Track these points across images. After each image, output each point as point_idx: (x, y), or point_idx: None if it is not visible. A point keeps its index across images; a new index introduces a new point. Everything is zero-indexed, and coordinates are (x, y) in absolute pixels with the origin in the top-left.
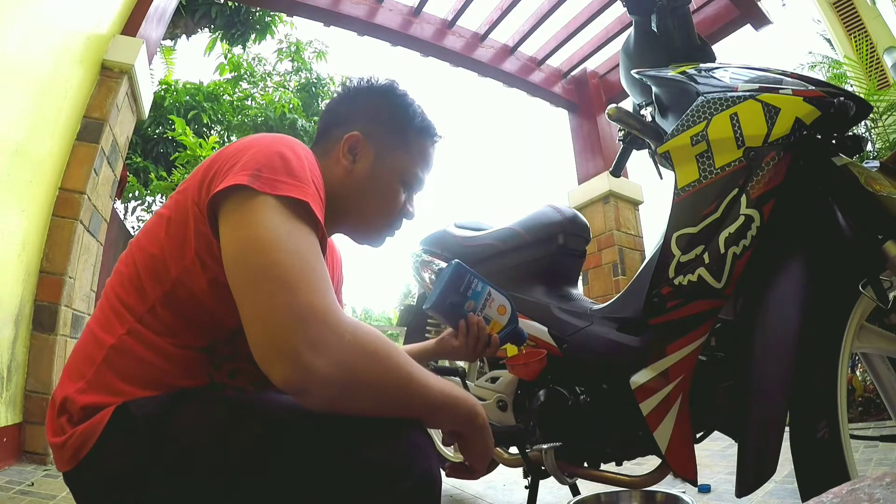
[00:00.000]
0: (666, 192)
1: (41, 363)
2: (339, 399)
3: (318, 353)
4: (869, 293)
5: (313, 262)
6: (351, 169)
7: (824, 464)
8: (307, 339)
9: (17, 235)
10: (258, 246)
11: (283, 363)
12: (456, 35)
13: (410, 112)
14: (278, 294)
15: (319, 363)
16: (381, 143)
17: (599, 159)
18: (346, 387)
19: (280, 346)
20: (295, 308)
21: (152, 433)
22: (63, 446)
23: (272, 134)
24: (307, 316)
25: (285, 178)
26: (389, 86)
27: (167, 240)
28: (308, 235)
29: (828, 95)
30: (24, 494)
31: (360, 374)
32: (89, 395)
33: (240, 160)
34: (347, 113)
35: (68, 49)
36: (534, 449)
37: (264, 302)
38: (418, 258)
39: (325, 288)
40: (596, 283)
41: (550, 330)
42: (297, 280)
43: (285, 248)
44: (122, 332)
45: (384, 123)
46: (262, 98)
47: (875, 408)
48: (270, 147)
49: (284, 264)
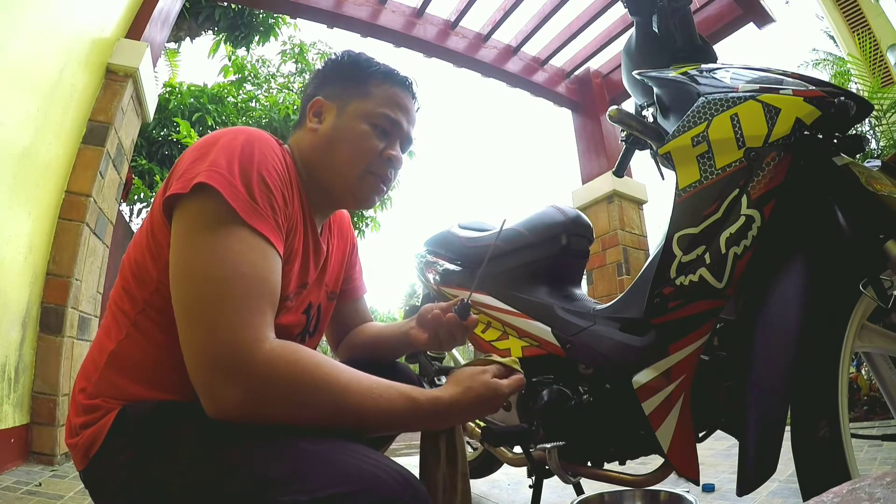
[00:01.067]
0: (669, 191)
1: (48, 365)
2: (265, 420)
3: (230, 388)
4: (870, 293)
5: (234, 285)
6: (318, 129)
7: (825, 463)
8: (221, 378)
9: (23, 238)
10: (185, 278)
11: (203, 398)
12: (459, 36)
13: (365, 63)
14: (197, 332)
15: (232, 397)
16: (341, 98)
17: (603, 159)
18: (263, 416)
19: (200, 382)
20: (211, 349)
21: (145, 435)
22: (76, 447)
23: (226, 130)
24: (221, 355)
25: (216, 177)
26: (345, 50)
27: (146, 243)
28: (233, 240)
29: (828, 95)
30: (32, 495)
31: (274, 403)
32: (96, 399)
33: (183, 164)
34: (312, 88)
35: (73, 53)
36: (538, 448)
37: (187, 339)
38: (422, 259)
39: (242, 319)
40: (600, 283)
41: (554, 330)
42: (214, 318)
43: (207, 277)
44: (120, 336)
45: (342, 80)
46: (266, 100)
47: (880, 407)
48: (208, 146)
49: (206, 298)
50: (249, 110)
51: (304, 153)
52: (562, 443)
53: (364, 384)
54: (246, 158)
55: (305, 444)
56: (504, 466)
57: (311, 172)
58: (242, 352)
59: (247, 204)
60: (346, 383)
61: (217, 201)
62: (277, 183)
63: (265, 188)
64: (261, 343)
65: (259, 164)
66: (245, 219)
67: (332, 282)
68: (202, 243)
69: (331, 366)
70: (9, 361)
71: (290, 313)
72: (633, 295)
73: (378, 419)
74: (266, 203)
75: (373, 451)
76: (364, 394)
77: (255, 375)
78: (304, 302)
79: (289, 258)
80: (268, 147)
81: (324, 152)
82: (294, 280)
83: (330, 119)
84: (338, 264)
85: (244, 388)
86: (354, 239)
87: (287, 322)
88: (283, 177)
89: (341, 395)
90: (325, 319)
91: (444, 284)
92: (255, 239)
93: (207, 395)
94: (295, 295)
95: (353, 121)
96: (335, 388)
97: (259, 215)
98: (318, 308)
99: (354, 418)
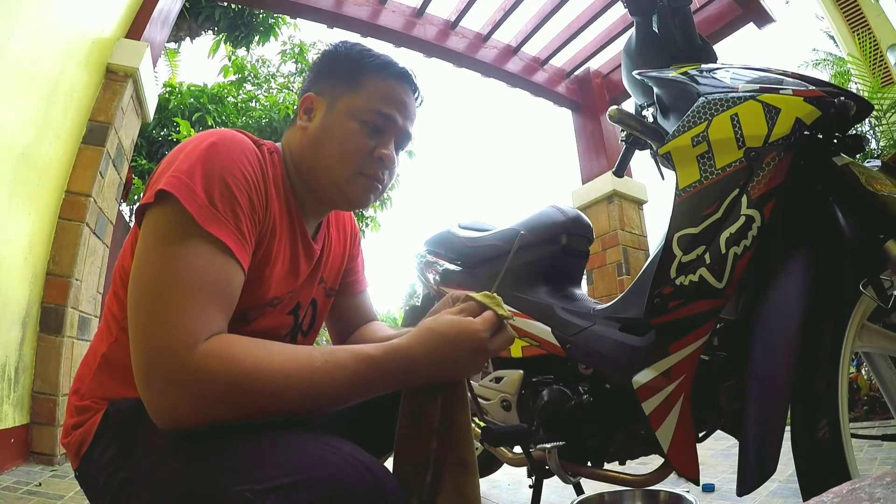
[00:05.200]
0: (669, 191)
1: (48, 365)
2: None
3: (169, 399)
4: (870, 293)
5: (173, 291)
6: (307, 127)
7: (825, 463)
8: (159, 389)
9: (24, 238)
10: (132, 290)
11: (150, 412)
12: (459, 36)
13: (358, 55)
14: (135, 343)
15: (173, 407)
16: (332, 93)
17: (603, 159)
18: (211, 418)
19: (143, 396)
20: (146, 360)
21: (124, 431)
22: (69, 447)
23: (198, 135)
24: (155, 366)
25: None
26: (341, 42)
27: (131, 249)
28: (183, 247)
29: (828, 95)
30: (32, 494)
31: (217, 405)
32: (86, 400)
33: (156, 173)
34: (306, 84)
35: (74, 53)
36: (538, 448)
37: (131, 352)
38: (422, 259)
39: (174, 326)
40: (600, 283)
41: (554, 330)
42: (149, 327)
43: (148, 287)
44: (111, 340)
45: (333, 75)
46: (266, 100)
47: (880, 407)
48: (178, 153)
49: (144, 308)
50: (249, 110)
51: (294, 152)
52: (562, 443)
53: (305, 359)
54: (209, 163)
55: (265, 433)
56: (504, 466)
57: (301, 173)
58: (174, 359)
59: (205, 209)
60: (287, 365)
61: (175, 209)
62: (244, 186)
63: (227, 192)
64: (192, 347)
65: (223, 167)
66: (202, 224)
67: (332, 278)
68: (151, 253)
69: (267, 352)
70: (9, 361)
71: (272, 316)
72: (633, 295)
73: (337, 390)
74: (227, 208)
75: (335, 439)
76: (312, 369)
77: (190, 382)
78: (291, 303)
79: (266, 262)
80: (236, 150)
81: (311, 153)
82: (275, 284)
83: (319, 116)
84: (337, 259)
85: (181, 396)
86: (356, 229)
87: (270, 325)
88: (253, 180)
89: (285, 379)
90: (321, 317)
91: (444, 284)
92: (208, 245)
93: (151, 408)
94: (277, 299)
95: (342, 118)
96: (276, 374)
97: (217, 221)
98: (314, 306)
99: (310, 397)
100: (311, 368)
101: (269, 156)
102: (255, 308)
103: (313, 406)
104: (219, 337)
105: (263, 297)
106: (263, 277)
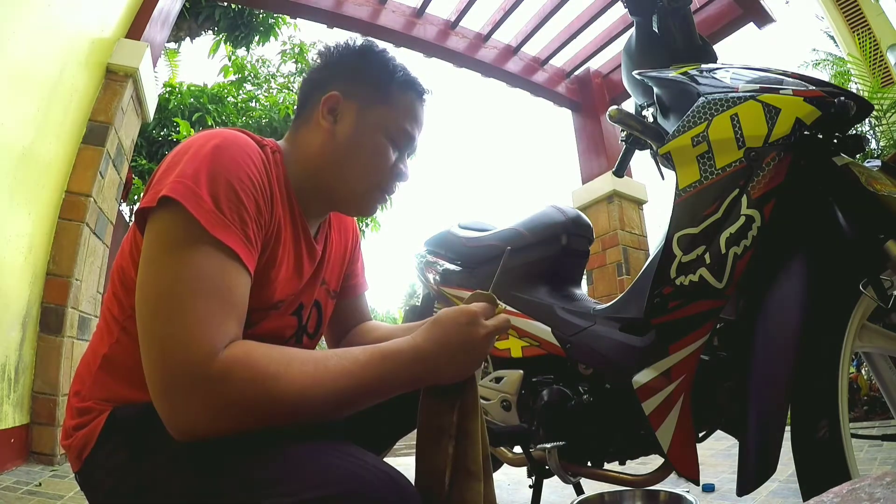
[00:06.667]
0: (669, 191)
1: (48, 365)
2: (236, 432)
3: (191, 410)
4: (869, 293)
5: (186, 300)
6: (332, 130)
7: (825, 463)
8: (180, 400)
9: (24, 238)
10: (141, 299)
11: (167, 423)
12: (459, 36)
13: (391, 67)
14: (151, 354)
15: (195, 419)
16: (362, 99)
17: (603, 159)
18: (232, 429)
19: (160, 407)
20: (165, 371)
21: (135, 437)
22: (70, 448)
23: (200, 135)
24: (175, 377)
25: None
26: (366, 43)
27: (129, 251)
28: (192, 255)
29: (828, 95)
30: (32, 494)
31: (240, 414)
32: (88, 402)
33: (156, 174)
34: (325, 76)
35: (74, 53)
36: (538, 448)
37: (145, 364)
38: (422, 259)
39: (193, 335)
40: (600, 283)
41: (554, 330)
42: (166, 337)
43: (160, 296)
44: (111, 341)
45: (364, 80)
46: (266, 100)
47: (880, 407)
48: (180, 154)
49: (158, 317)
50: (249, 110)
51: (309, 152)
52: (562, 443)
53: (322, 361)
54: (214, 167)
55: (290, 444)
56: (504, 466)
57: (313, 174)
58: (197, 369)
59: (212, 215)
60: (306, 368)
61: (181, 215)
62: (250, 190)
63: (234, 197)
64: (213, 356)
65: (229, 171)
66: (210, 230)
67: (334, 279)
68: (160, 261)
69: (287, 357)
70: (9, 361)
71: (275, 319)
72: (633, 295)
73: (357, 390)
74: (234, 214)
75: (359, 451)
76: (330, 370)
77: (214, 392)
78: (294, 304)
79: (272, 264)
80: (241, 152)
81: (334, 158)
82: (281, 286)
83: (349, 121)
84: (339, 260)
85: (204, 406)
86: (357, 232)
87: (274, 327)
88: (258, 183)
89: (309, 382)
90: (326, 318)
91: (444, 284)
92: (217, 252)
93: (170, 419)
94: (282, 302)
95: (374, 132)
96: (300, 378)
97: (225, 226)
98: (318, 307)
99: (332, 399)
100: (328, 369)
101: (273, 155)
102: (258, 311)
103: (334, 408)
104: (236, 344)
105: (269, 300)
106: (269, 280)
